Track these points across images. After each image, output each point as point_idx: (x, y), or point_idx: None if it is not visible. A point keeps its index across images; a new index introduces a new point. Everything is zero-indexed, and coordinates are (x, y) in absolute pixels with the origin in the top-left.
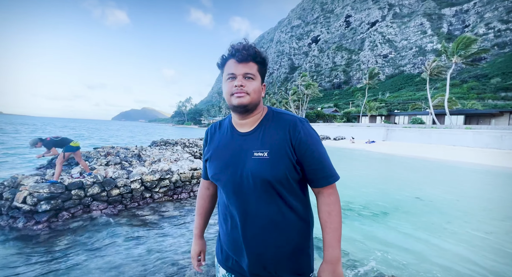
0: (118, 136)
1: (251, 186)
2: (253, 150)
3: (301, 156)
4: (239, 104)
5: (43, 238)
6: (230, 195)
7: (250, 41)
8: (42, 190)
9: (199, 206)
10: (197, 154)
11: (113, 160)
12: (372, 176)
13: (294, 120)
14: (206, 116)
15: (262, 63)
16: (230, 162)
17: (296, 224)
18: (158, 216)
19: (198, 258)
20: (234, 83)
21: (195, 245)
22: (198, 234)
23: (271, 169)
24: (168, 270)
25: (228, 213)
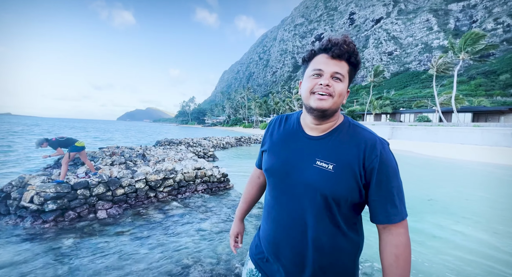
0: (130, 136)
1: (303, 195)
2: (316, 158)
3: (370, 182)
4: (318, 108)
5: (50, 237)
6: (278, 195)
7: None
8: (48, 189)
9: (246, 191)
10: (201, 154)
11: (118, 159)
12: None
13: (374, 139)
14: (209, 116)
15: (355, 66)
16: (288, 162)
17: (342, 247)
18: (163, 215)
19: (235, 239)
20: (320, 81)
21: (235, 226)
22: (239, 216)
23: (332, 185)
24: (173, 269)
25: (273, 211)
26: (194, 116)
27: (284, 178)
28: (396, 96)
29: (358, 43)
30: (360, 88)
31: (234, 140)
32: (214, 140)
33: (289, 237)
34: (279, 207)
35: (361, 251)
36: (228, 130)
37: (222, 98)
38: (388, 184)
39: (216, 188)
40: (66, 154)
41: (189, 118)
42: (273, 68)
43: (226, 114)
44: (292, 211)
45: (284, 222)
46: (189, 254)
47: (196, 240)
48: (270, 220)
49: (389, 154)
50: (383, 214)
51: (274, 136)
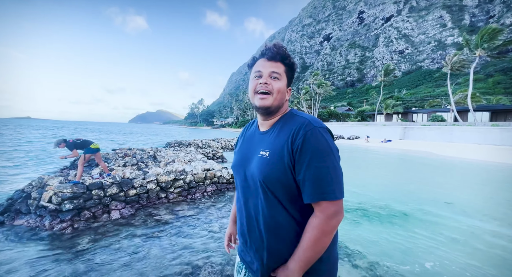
0: (142, 138)
1: (251, 184)
2: (260, 149)
3: (295, 162)
4: (261, 106)
5: (67, 236)
6: (239, 187)
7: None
8: (65, 190)
9: (235, 194)
10: (210, 155)
11: (130, 161)
12: (390, 175)
13: (303, 123)
14: (218, 118)
15: (290, 67)
16: (244, 157)
17: (296, 231)
18: (173, 215)
19: (229, 239)
20: (260, 81)
21: (228, 228)
22: (232, 218)
23: (267, 170)
24: (184, 270)
25: (238, 202)
26: (203, 118)
27: (240, 172)
28: (408, 96)
29: (368, 42)
30: (370, 88)
31: None
32: (222, 141)
33: (250, 224)
34: (241, 198)
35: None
36: (237, 131)
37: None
38: (311, 164)
39: (226, 189)
40: (82, 155)
41: (198, 120)
42: None
43: (234, 115)
44: (248, 200)
45: (244, 211)
46: (199, 255)
47: (206, 241)
48: (237, 211)
49: (317, 135)
50: (305, 193)
51: (242, 138)
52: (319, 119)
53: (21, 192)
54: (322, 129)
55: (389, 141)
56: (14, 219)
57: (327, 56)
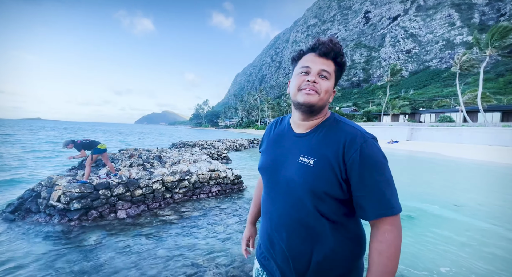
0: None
1: (288, 190)
2: (300, 154)
3: (351, 176)
4: (306, 102)
5: (74, 234)
6: (269, 191)
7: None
8: (73, 189)
9: (255, 195)
10: (215, 156)
11: (136, 161)
12: (397, 176)
13: (355, 133)
14: (223, 118)
15: (341, 67)
16: (277, 159)
17: (331, 243)
18: (178, 216)
19: (247, 242)
20: (307, 78)
21: (246, 230)
22: (250, 220)
23: (312, 179)
24: (188, 270)
25: (265, 207)
26: (207, 119)
27: (273, 174)
28: (415, 96)
29: (374, 42)
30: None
31: (247, 141)
32: (227, 142)
33: (280, 231)
34: (269, 203)
35: (360, 251)
36: (241, 132)
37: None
38: (372, 179)
39: (230, 189)
40: (90, 155)
41: (203, 121)
42: (286, 70)
43: (239, 116)
44: (280, 207)
45: (274, 217)
46: (204, 255)
47: (211, 242)
48: (263, 216)
49: (372, 147)
50: (368, 210)
51: (270, 137)
52: (364, 129)
53: (31, 191)
54: (375, 140)
55: (396, 141)
56: (25, 218)
57: None
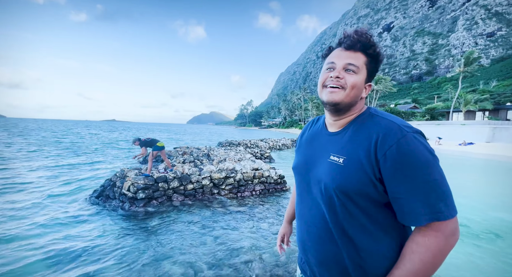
0: (197, 137)
1: (318, 190)
2: (330, 153)
3: (387, 176)
4: (329, 101)
5: (140, 218)
6: (301, 192)
7: None
8: (139, 181)
9: (292, 194)
10: (258, 155)
11: (188, 158)
12: (473, 184)
13: (390, 128)
14: (266, 118)
15: (374, 58)
16: (309, 159)
17: (366, 247)
18: (225, 210)
19: (282, 239)
20: (331, 74)
21: (281, 227)
22: (286, 218)
23: (341, 179)
24: (233, 260)
25: (298, 208)
26: (251, 119)
27: (305, 174)
28: (499, 88)
29: (441, 28)
30: (443, 81)
31: (290, 141)
32: (270, 142)
33: (311, 234)
34: (302, 204)
35: None
36: (284, 132)
37: (278, 100)
38: (412, 179)
39: (273, 189)
40: (151, 152)
41: (246, 121)
42: None
43: (282, 116)
44: (312, 207)
45: (306, 218)
46: (248, 250)
47: (255, 237)
48: (297, 218)
49: (413, 142)
50: (407, 213)
51: (304, 137)
52: (406, 121)
53: (109, 180)
54: (417, 134)
55: (470, 143)
56: (105, 202)
57: (387, 48)
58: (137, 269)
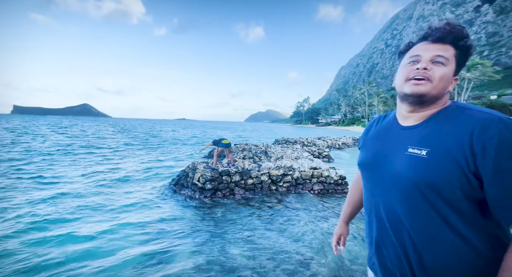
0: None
1: (395, 185)
2: (408, 145)
3: (485, 169)
4: (414, 93)
5: (208, 207)
6: (372, 187)
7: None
8: (207, 173)
9: (349, 194)
10: (316, 153)
11: (247, 154)
12: None
13: (489, 119)
14: (323, 115)
15: (464, 50)
16: (379, 154)
17: (455, 251)
18: (283, 206)
19: (337, 240)
20: (416, 66)
21: (338, 227)
22: (343, 218)
23: (424, 171)
24: (293, 256)
25: (369, 207)
26: (308, 116)
27: (375, 169)
28: None
29: None
30: None
31: (351, 140)
32: (328, 140)
33: (386, 232)
34: (373, 201)
35: (493, 267)
36: (344, 130)
37: (338, 96)
38: (502, 173)
39: (333, 190)
40: (216, 148)
41: (303, 118)
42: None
43: (341, 113)
44: (387, 204)
45: (380, 216)
46: (309, 248)
47: (314, 235)
48: (367, 216)
49: None
50: (509, 211)
51: (370, 133)
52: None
53: (183, 171)
54: None
55: None
56: (180, 190)
57: (488, 25)
58: (206, 252)
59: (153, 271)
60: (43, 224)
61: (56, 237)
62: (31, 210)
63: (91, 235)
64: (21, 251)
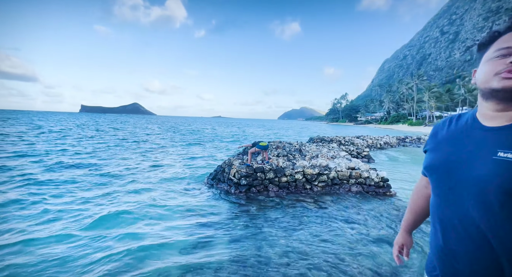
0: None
1: (477, 192)
2: (498, 149)
3: None
4: (505, 88)
5: (243, 202)
6: (443, 193)
7: None
8: (242, 169)
9: (411, 201)
10: (354, 153)
11: (281, 152)
12: None
13: None
14: (363, 113)
15: None
16: (455, 157)
17: None
18: (317, 206)
19: (400, 250)
20: (509, 59)
21: (399, 236)
22: (404, 226)
23: None
24: (329, 259)
25: (441, 215)
26: (345, 114)
27: (448, 174)
28: None
29: None
30: None
31: (395, 139)
32: (369, 139)
33: (460, 243)
34: (446, 208)
35: None
36: (387, 128)
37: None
38: None
39: (373, 192)
40: (253, 148)
41: (339, 116)
42: (467, 42)
43: (384, 110)
44: (463, 211)
45: (455, 225)
46: (345, 252)
47: (351, 239)
48: (438, 224)
49: None
50: None
51: (439, 136)
52: None
53: (220, 167)
54: None
55: None
56: (217, 184)
57: None
58: (242, 245)
59: (196, 257)
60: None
61: (114, 216)
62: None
63: (141, 217)
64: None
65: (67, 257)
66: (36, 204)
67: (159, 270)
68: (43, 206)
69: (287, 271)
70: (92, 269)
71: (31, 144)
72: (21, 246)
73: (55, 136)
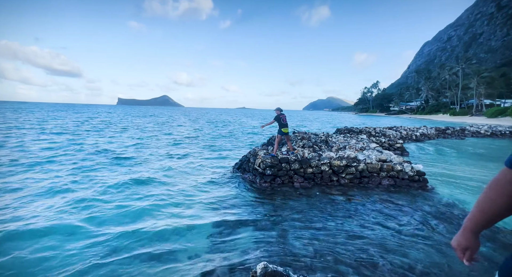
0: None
1: None
2: None
3: None
4: None
5: (268, 193)
6: None
7: None
8: (267, 159)
9: (485, 198)
10: (385, 145)
11: (307, 143)
12: None
13: None
14: (397, 102)
15: None
16: None
17: None
18: (345, 198)
19: (462, 252)
20: None
21: (463, 238)
22: (470, 226)
23: None
24: (358, 254)
25: None
26: (376, 103)
27: None
28: None
29: None
30: None
31: (434, 131)
32: (403, 130)
33: None
34: None
35: None
36: (424, 118)
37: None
38: None
39: (407, 186)
40: (277, 135)
41: (370, 106)
42: None
43: (421, 98)
44: None
45: None
46: (374, 249)
47: (380, 235)
48: None
49: None
50: None
51: None
52: None
53: (245, 157)
54: None
55: None
56: (243, 173)
57: None
58: (267, 234)
59: (222, 241)
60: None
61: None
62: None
63: (173, 204)
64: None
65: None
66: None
67: (188, 248)
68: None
69: (313, 263)
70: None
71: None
72: None
73: (119, 129)
